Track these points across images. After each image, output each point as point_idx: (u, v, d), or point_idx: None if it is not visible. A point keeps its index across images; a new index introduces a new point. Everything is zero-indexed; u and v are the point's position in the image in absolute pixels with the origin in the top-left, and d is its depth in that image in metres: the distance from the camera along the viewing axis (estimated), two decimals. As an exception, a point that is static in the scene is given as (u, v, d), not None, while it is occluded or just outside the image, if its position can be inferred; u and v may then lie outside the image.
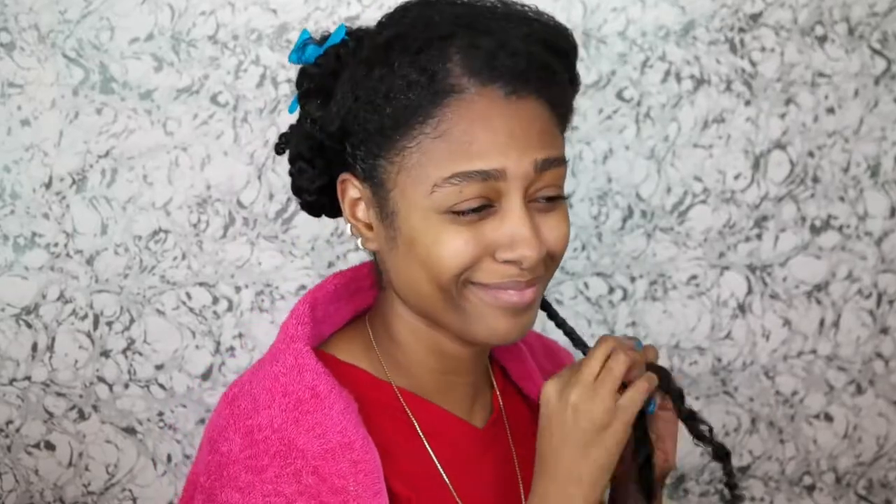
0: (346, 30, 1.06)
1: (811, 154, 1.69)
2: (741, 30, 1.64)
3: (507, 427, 1.13)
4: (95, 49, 1.48)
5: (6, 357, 1.51)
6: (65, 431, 1.54)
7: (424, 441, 1.06)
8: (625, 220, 1.66)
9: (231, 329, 1.57)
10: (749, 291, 1.71)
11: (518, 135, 0.98)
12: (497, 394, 1.15)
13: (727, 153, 1.67)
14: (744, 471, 1.75)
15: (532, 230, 0.98)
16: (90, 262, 1.52)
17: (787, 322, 1.73)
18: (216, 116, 1.52)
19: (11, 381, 1.52)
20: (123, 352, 1.54)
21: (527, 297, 1.01)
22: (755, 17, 1.64)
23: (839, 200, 1.71)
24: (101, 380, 1.54)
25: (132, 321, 1.54)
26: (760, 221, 1.69)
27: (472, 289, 1.00)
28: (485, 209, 0.98)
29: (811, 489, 1.78)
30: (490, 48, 0.98)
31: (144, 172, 1.51)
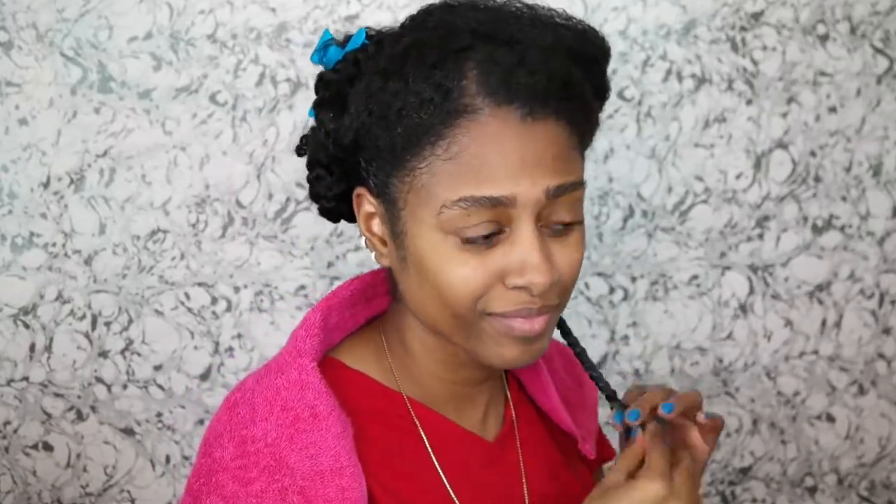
0: (367, 33, 1.03)
1: (813, 153, 1.69)
2: (743, 28, 1.64)
3: (518, 439, 1.12)
4: (94, 48, 1.48)
5: (4, 357, 1.51)
6: (63, 432, 1.54)
7: (430, 451, 1.05)
8: (626, 220, 1.65)
9: (230, 329, 1.56)
10: (751, 292, 1.71)
11: (530, 161, 0.94)
12: (510, 406, 1.14)
13: (728, 153, 1.66)
14: (745, 472, 1.75)
15: (542, 256, 0.96)
16: (88, 262, 1.51)
17: (789, 322, 1.73)
18: (215, 116, 1.52)
19: (9, 382, 1.51)
20: (122, 352, 1.54)
21: (537, 327, 0.98)
22: (756, 16, 1.64)
23: (841, 200, 1.70)
24: (100, 380, 1.54)
25: (130, 321, 1.53)
26: (762, 221, 1.69)
27: (489, 319, 0.98)
28: (494, 236, 0.96)
29: (813, 490, 1.77)
30: (508, 64, 0.94)
31: (143, 172, 1.51)
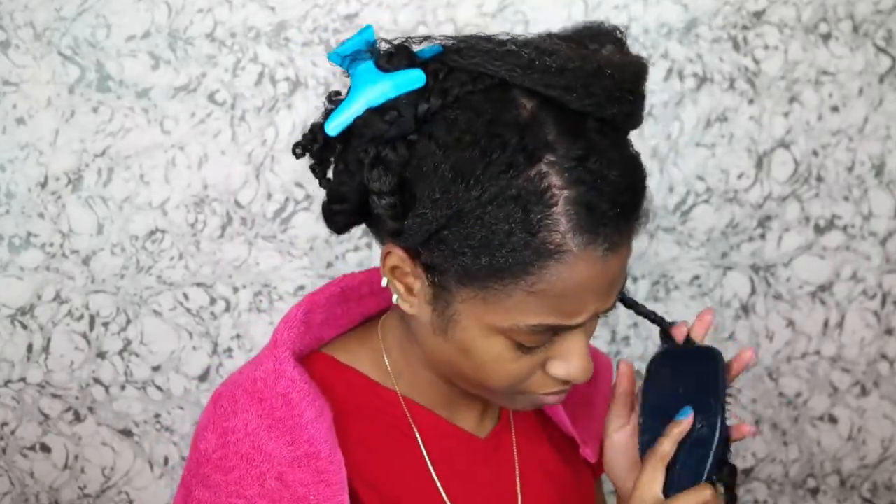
0: (425, 72, 0.92)
1: (815, 153, 1.68)
2: (744, 27, 1.63)
3: (514, 437, 1.12)
4: (91, 47, 1.47)
5: (1, 358, 1.50)
6: (60, 433, 1.53)
7: (423, 448, 1.05)
8: (627, 220, 1.65)
9: (229, 330, 1.56)
10: (752, 292, 1.70)
11: (605, 291, 0.96)
12: None
13: (730, 152, 1.66)
14: (747, 473, 1.74)
15: (590, 362, 0.99)
16: (86, 263, 1.51)
17: (791, 323, 1.72)
18: (214, 115, 1.51)
19: (6, 383, 1.51)
20: (120, 353, 1.53)
21: (563, 398, 1.02)
22: (758, 15, 1.63)
23: (843, 200, 1.70)
24: (98, 381, 1.53)
25: (129, 322, 1.53)
26: (764, 221, 1.68)
27: (522, 394, 1.01)
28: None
29: (815, 492, 1.77)
30: (591, 197, 0.91)
31: (141, 172, 1.51)
